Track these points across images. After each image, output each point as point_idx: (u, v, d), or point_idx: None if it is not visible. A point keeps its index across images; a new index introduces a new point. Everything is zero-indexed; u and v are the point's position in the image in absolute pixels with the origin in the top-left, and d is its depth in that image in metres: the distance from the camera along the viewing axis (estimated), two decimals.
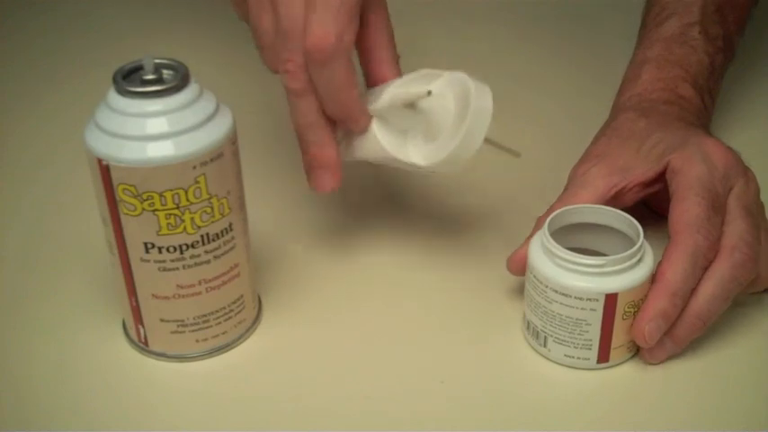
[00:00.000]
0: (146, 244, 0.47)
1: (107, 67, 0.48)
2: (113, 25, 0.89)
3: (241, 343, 0.53)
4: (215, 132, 0.47)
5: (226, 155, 0.47)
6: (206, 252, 0.49)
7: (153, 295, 0.49)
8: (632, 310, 0.49)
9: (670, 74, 0.62)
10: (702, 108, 0.61)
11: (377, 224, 0.62)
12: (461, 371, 0.51)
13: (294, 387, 0.51)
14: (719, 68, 0.65)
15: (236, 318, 0.52)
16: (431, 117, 0.50)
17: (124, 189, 0.46)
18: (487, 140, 0.49)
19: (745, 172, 0.53)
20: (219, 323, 0.51)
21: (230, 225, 0.49)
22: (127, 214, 0.47)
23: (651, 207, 0.58)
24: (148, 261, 0.48)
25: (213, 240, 0.48)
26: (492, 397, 0.50)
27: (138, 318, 0.51)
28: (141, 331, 0.51)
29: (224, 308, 0.51)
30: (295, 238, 0.61)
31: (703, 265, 0.49)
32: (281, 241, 0.61)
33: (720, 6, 0.65)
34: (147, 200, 0.46)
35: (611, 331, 0.49)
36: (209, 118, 0.47)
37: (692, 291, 0.49)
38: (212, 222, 0.48)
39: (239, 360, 0.52)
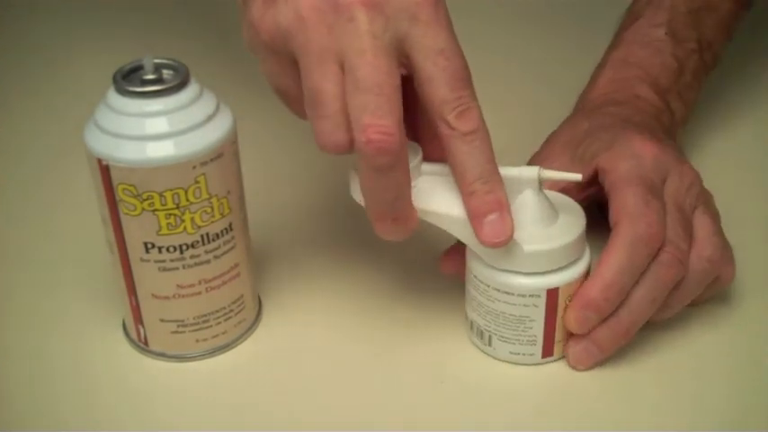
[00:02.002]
0: (146, 244, 0.47)
1: (107, 67, 0.48)
2: (113, 25, 0.89)
3: (241, 343, 0.53)
4: (215, 132, 0.47)
5: (226, 155, 0.47)
6: (206, 252, 0.49)
7: (153, 295, 0.49)
8: None
9: (627, 74, 0.61)
10: (665, 110, 0.60)
11: None
12: (461, 369, 0.51)
13: (294, 387, 0.50)
14: (694, 72, 0.63)
15: (236, 318, 0.52)
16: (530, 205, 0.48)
17: (124, 189, 0.46)
18: (545, 181, 0.48)
19: (679, 165, 0.52)
20: (219, 323, 0.51)
21: (230, 225, 0.49)
22: (127, 214, 0.47)
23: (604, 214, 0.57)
24: (148, 261, 0.48)
25: (213, 240, 0.48)
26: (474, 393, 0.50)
27: (138, 317, 0.51)
28: (141, 331, 0.51)
29: (224, 308, 0.51)
30: (295, 238, 0.61)
31: (647, 254, 0.48)
32: (281, 241, 0.61)
33: (694, 9, 0.64)
34: (146, 200, 0.46)
35: (555, 325, 0.49)
36: (210, 118, 0.47)
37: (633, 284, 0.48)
38: (212, 222, 0.48)
39: (239, 360, 0.52)
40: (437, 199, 0.48)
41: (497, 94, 0.75)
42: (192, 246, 0.48)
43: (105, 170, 0.46)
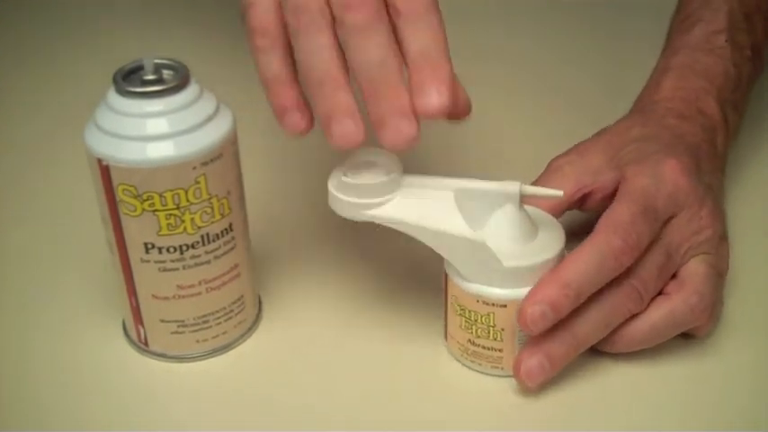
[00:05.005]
0: (146, 244, 0.47)
1: (107, 68, 0.48)
2: (113, 25, 0.89)
3: (241, 343, 0.53)
4: (215, 132, 0.47)
5: (226, 155, 0.47)
6: (206, 252, 0.49)
7: (153, 296, 0.49)
8: None
9: (693, 84, 0.59)
10: (722, 123, 0.58)
11: (377, 224, 0.61)
12: (459, 374, 0.51)
13: (294, 387, 0.51)
14: (747, 80, 0.61)
15: (236, 318, 0.52)
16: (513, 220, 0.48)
17: (124, 189, 0.46)
18: (527, 197, 0.48)
19: (698, 207, 0.50)
20: (220, 323, 0.51)
21: (230, 225, 0.49)
22: (127, 214, 0.47)
23: None
24: (148, 261, 0.48)
25: (213, 241, 0.48)
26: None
27: (139, 318, 0.51)
28: (141, 331, 0.51)
29: (224, 308, 0.51)
30: (295, 238, 0.61)
31: (613, 268, 0.47)
32: (281, 241, 0.61)
33: (749, 14, 0.62)
34: (147, 200, 0.46)
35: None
36: (210, 118, 0.47)
37: (591, 294, 0.47)
38: (212, 223, 0.48)
39: (239, 360, 0.52)
40: (417, 211, 0.48)
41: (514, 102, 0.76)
42: (193, 246, 0.48)
43: (105, 170, 0.46)
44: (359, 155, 0.49)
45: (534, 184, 0.54)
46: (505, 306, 0.48)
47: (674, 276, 0.50)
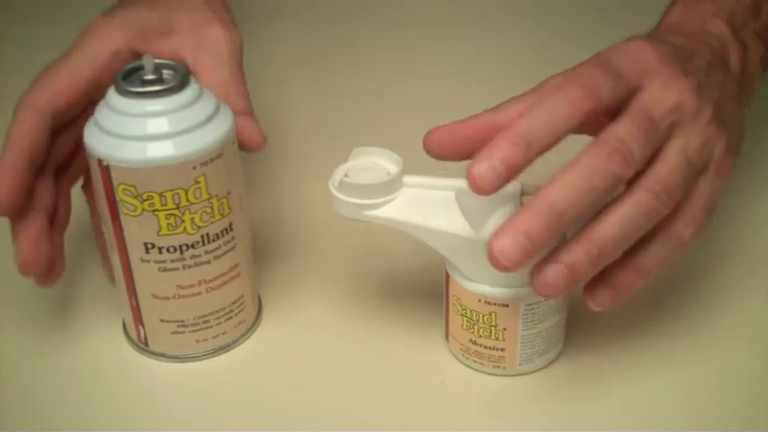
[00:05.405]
0: (146, 244, 0.47)
1: None
2: None
3: (241, 343, 0.53)
4: (215, 132, 0.47)
5: (226, 155, 0.47)
6: (206, 252, 0.49)
7: (153, 295, 0.49)
8: None
9: (698, 9, 0.56)
10: (733, 42, 0.53)
11: (377, 224, 0.61)
12: (459, 373, 0.51)
13: (294, 387, 0.51)
14: None
15: (236, 318, 0.52)
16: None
17: (124, 189, 0.46)
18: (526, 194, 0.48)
19: (673, 75, 0.47)
20: (220, 323, 0.51)
21: (230, 225, 0.49)
22: (127, 214, 0.47)
23: None
24: (148, 261, 0.48)
25: (213, 240, 0.48)
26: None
27: (139, 318, 0.51)
28: (141, 331, 0.51)
29: (224, 308, 0.51)
30: (295, 238, 0.61)
31: (568, 114, 0.43)
32: (281, 241, 0.61)
33: None
34: (147, 200, 0.46)
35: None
36: (210, 118, 0.47)
37: (546, 142, 0.43)
38: (212, 222, 0.48)
39: (239, 360, 0.52)
40: (418, 211, 0.48)
41: None
42: (193, 246, 0.48)
43: (105, 170, 0.46)
44: (359, 155, 0.49)
45: (522, 95, 0.50)
46: (507, 305, 0.48)
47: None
